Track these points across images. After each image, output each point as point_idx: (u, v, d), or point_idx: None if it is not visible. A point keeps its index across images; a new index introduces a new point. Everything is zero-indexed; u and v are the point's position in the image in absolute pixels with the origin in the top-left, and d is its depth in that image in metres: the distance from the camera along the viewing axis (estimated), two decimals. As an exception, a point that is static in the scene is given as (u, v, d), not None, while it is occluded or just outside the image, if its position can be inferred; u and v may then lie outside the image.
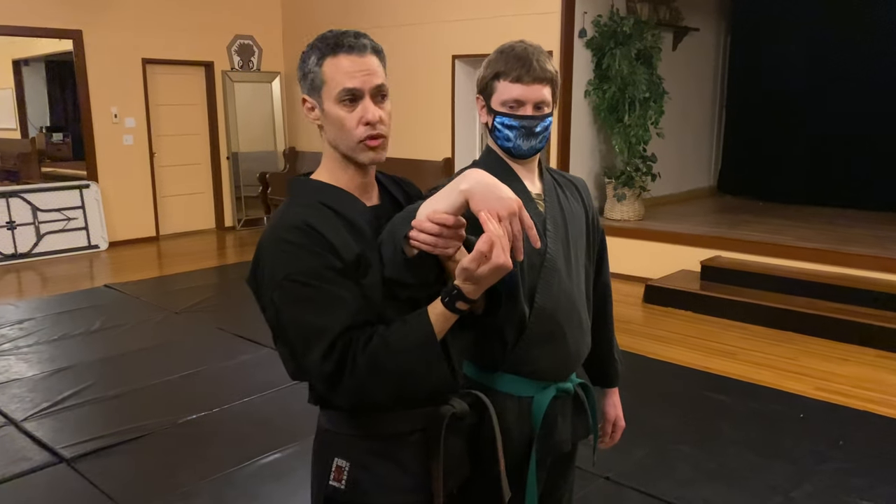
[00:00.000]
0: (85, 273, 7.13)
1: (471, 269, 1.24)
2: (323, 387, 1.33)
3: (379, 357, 1.28)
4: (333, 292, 1.30)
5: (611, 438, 1.99)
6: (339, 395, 1.32)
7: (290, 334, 1.34)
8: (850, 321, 4.88)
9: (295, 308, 1.32)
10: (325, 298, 1.30)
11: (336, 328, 1.29)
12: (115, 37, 7.83)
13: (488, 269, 1.23)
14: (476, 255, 1.23)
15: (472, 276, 1.24)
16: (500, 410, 1.66)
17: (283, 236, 1.33)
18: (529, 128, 1.66)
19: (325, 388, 1.32)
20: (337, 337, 1.28)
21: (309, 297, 1.30)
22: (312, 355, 1.30)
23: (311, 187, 1.43)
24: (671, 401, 3.93)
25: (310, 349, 1.30)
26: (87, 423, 3.66)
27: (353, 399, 1.32)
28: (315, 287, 1.30)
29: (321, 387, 1.34)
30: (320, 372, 1.30)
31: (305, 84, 1.39)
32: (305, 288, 1.30)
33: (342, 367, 1.28)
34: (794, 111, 8.12)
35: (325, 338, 1.28)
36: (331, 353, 1.28)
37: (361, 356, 1.28)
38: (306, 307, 1.31)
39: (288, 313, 1.33)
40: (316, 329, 1.30)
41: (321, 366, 1.29)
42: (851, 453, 3.31)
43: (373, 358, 1.28)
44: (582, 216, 1.83)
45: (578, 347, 1.75)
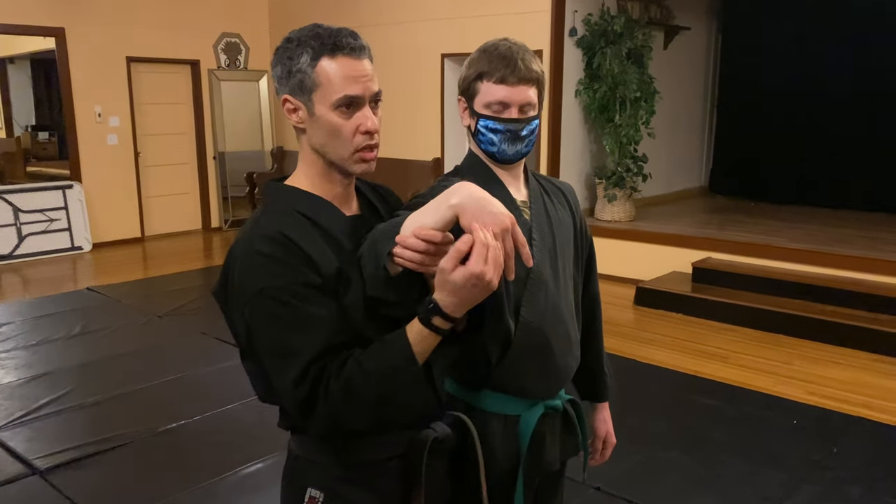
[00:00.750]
0: (68, 275, 7.01)
1: (445, 269, 1.14)
2: (296, 413, 1.24)
3: (354, 383, 1.18)
4: (309, 311, 1.21)
5: (601, 455, 1.91)
6: (313, 423, 1.23)
7: (262, 355, 1.25)
8: (842, 324, 4.82)
9: (267, 327, 1.22)
10: (301, 318, 1.20)
11: (311, 352, 1.19)
12: (98, 34, 7.69)
13: (463, 276, 1.12)
14: (453, 253, 1.13)
15: (447, 280, 1.14)
16: (484, 430, 1.58)
17: (257, 248, 1.23)
18: (515, 131, 1.58)
19: (299, 415, 1.23)
20: (311, 361, 1.19)
21: (283, 316, 1.21)
22: (285, 380, 1.21)
23: (287, 195, 1.33)
24: (662, 406, 3.86)
25: (282, 373, 1.21)
26: (64, 433, 3.56)
27: (328, 427, 1.23)
28: (290, 305, 1.20)
29: (294, 413, 1.25)
30: (293, 398, 1.20)
31: (290, 83, 1.27)
32: (280, 305, 1.20)
33: (316, 394, 1.19)
34: (785, 111, 8.08)
35: (299, 362, 1.19)
36: (304, 379, 1.19)
37: (336, 382, 1.18)
38: (280, 327, 1.21)
39: (259, 332, 1.23)
40: (289, 352, 1.20)
41: (294, 392, 1.20)
42: (845, 461, 3.25)
43: (348, 384, 1.18)
44: (569, 224, 1.75)
45: (567, 362, 1.67)
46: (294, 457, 1.38)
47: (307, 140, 1.31)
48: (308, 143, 1.32)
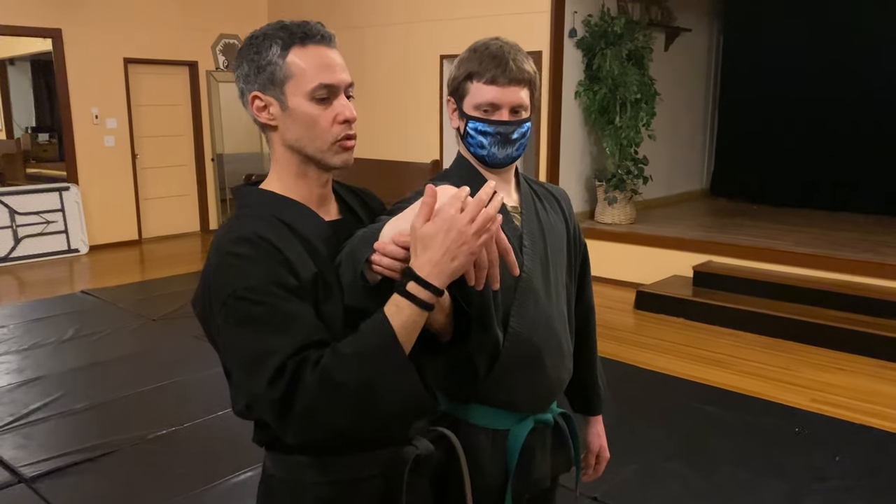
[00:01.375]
0: (64, 278, 6.95)
1: (415, 226, 1.08)
2: (273, 419, 1.12)
3: (331, 372, 1.06)
4: (286, 309, 1.12)
5: (594, 471, 1.84)
6: (290, 428, 1.10)
7: (234, 361, 1.16)
8: (846, 329, 4.75)
9: (240, 329, 1.12)
10: (276, 317, 1.11)
11: (287, 349, 1.08)
12: (95, 36, 7.65)
13: (434, 226, 1.06)
14: (422, 209, 1.07)
15: (418, 237, 1.07)
16: (471, 445, 1.52)
17: (231, 250, 1.16)
18: (505, 134, 1.52)
19: (276, 420, 1.11)
20: (288, 358, 1.08)
21: (256, 317, 1.11)
22: (258, 381, 1.09)
23: (261, 199, 1.26)
24: (661, 413, 3.79)
25: (255, 374, 1.10)
26: (52, 440, 3.50)
27: (305, 429, 1.10)
28: (264, 304, 1.11)
29: (271, 420, 1.13)
30: (268, 401, 1.08)
31: (259, 78, 1.21)
32: (253, 306, 1.11)
33: (293, 393, 1.07)
34: (787, 113, 8.01)
35: (274, 359, 1.08)
36: (279, 377, 1.07)
37: (311, 374, 1.07)
38: (253, 327, 1.11)
39: (231, 335, 1.14)
40: (263, 350, 1.10)
41: (269, 392, 1.08)
42: (849, 470, 3.18)
43: (324, 374, 1.06)
44: (562, 230, 1.68)
45: (559, 374, 1.60)
46: (269, 475, 1.31)
47: (280, 138, 1.25)
48: (281, 141, 1.25)
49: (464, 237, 1.07)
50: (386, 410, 1.12)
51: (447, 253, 1.07)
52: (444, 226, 1.06)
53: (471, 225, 1.06)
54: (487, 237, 1.08)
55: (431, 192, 1.08)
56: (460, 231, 1.06)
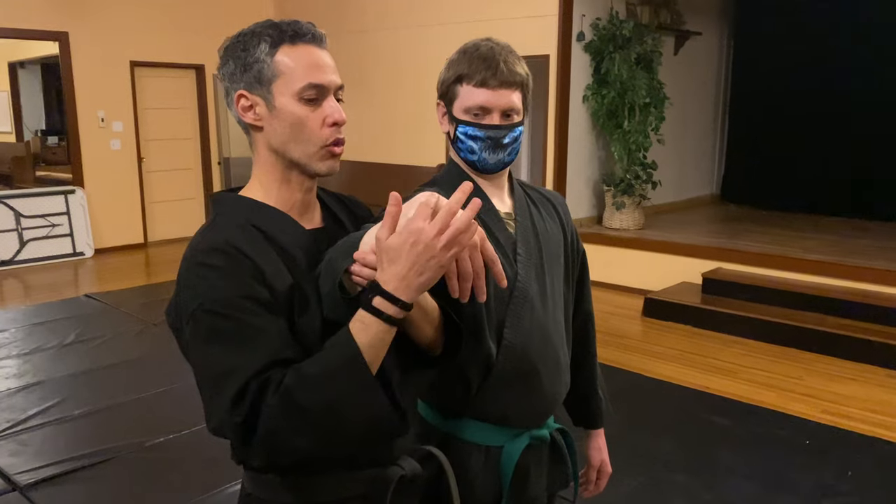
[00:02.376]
0: (69, 281, 6.94)
1: (380, 237, 1.01)
2: (237, 443, 1.07)
3: (293, 393, 1.00)
4: (252, 325, 1.06)
5: (595, 486, 1.77)
6: (253, 451, 1.05)
7: (200, 377, 1.09)
8: (858, 338, 4.65)
9: (205, 344, 1.07)
10: (242, 333, 1.05)
11: (250, 368, 1.02)
12: (102, 39, 7.65)
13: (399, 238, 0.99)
14: (386, 219, 1.00)
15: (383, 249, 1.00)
16: (463, 463, 1.45)
17: (201, 260, 1.10)
18: (496, 139, 1.46)
19: (239, 444, 1.06)
20: (251, 378, 1.02)
21: (221, 331, 1.05)
22: (220, 402, 1.03)
23: (238, 205, 1.21)
24: (667, 424, 3.71)
25: (217, 395, 1.04)
26: (49, 446, 3.46)
27: (268, 453, 1.04)
28: (230, 318, 1.05)
29: (235, 443, 1.09)
30: (231, 423, 1.03)
31: (245, 76, 1.16)
32: (219, 319, 1.06)
33: (255, 415, 1.02)
34: (798, 118, 7.90)
35: (236, 380, 1.02)
36: (242, 400, 1.02)
37: (273, 395, 1.01)
38: (218, 343, 1.05)
39: (197, 351, 1.08)
40: (226, 369, 1.04)
41: (231, 414, 1.02)
42: (861, 485, 3.09)
43: (286, 395, 1.00)
44: (559, 237, 1.62)
45: (555, 388, 1.54)
46: (246, 495, 1.25)
47: (264, 140, 1.19)
48: (265, 145, 1.19)
49: (431, 250, 0.99)
50: (351, 433, 1.05)
51: (414, 267, 1.00)
52: (410, 238, 0.99)
53: (439, 237, 0.98)
54: (458, 249, 1.00)
55: (395, 200, 1.01)
56: (427, 244, 0.99)
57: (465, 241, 1.00)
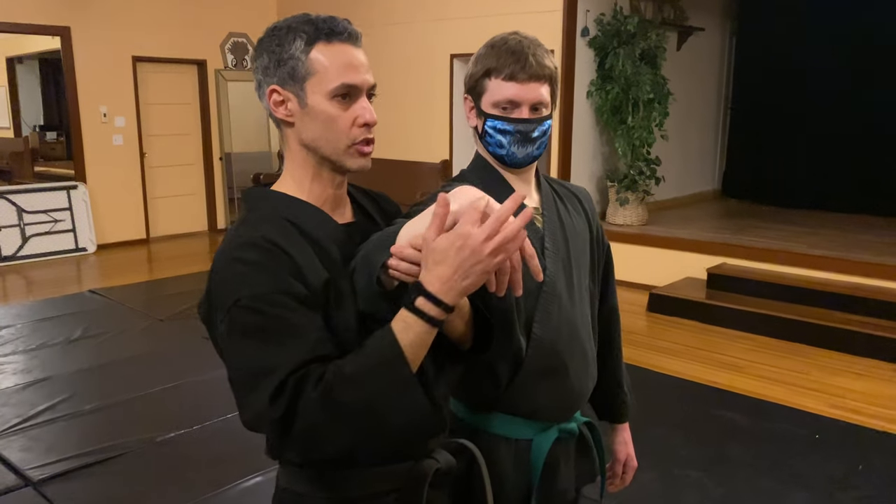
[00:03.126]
0: (71, 277, 6.92)
1: (427, 237, 1.01)
2: (274, 437, 1.08)
3: (333, 389, 1.01)
4: (290, 321, 1.06)
5: (621, 480, 1.78)
6: (292, 447, 1.07)
7: (235, 374, 1.10)
8: (864, 333, 4.66)
9: (242, 341, 1.07)
10: (280, 329, 1.06)
11: (289, 364, 1.03)
12: (104, 34, 7.62)
13: (447, 241, 0.99)
14: (434, 220, 1.00)
15: (429, 250, 1.00)
16: (493, 456, 1.46)
17: (237, 255, 1.10)
18: (525, 132, 1.46)
19: (277, 438, 1.07)
20: (289, 374, 1.03)
21: (259, 327, 1.06)
22: (258, 397, 1.04)
23: (271, 200, 1.21)
24: (677, 419, 3.72)
25: (255, 390, 1.05)
26: (59, 442, 3.45)
27: (306, 448, 1.06)
28: (269, 315, 1.06)
29: (273, 439, 1.10)
30: (269, 418, 1.04)
31: (279, 72, 1.16)
32: (257, 316, 1.06)
33: (293, 411, 1.02)
34: (800, 113, 7.91)
35: (275, 376, 1.03)
36: (280, 394, 1.02)
37: (313, 391, 1.02)
38: (255, 340, 1.06)
39: (234, 346, 1.09)
40: (264, 366, 1.04)
41: (269, 410, 1.03)
42: (872, 479, 3.10)
43: (326, 391, 1.01)
44: (585, 231, 1.62)
45: (583, 382, 1.54)
46: (282, 489, 1.26)
47: (296, 136, 1.19)
48: (297, 140, 1.19)
49: (478, 255, 0.98)
50: (390, 430, 1.06)
51: (459, 270, 1.00)
52: (458, 242, 0.99)
53: (487, 243, 0.98)
54: (505, 256, 1.00)
55: (444, 201, 1.01)
56: (475, 249, 0.98)
57: (513, 249, 1.01)
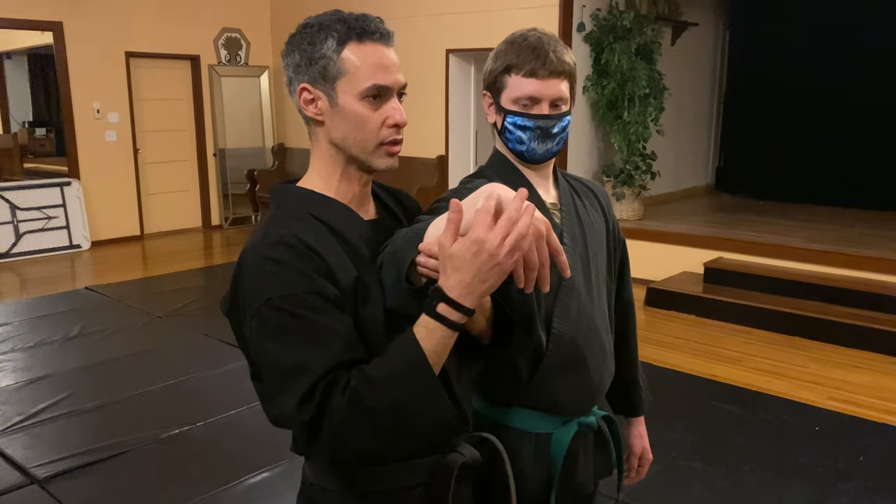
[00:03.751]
0: (66, 274, 6.88)
1: (443, 244, 1.01)
2: (302, 437, 1.12)
3: (359, 394, 1.03)
4: (321, 324, 1.07)
5: (637, 473, 1.80)
6: (319, 447, 1.09)
7: (264, 373, 1.11)
8: (859, 326, 4.71)
9: (272, 340, 1.08)
10: (311, 330, 1.07)
11: (319, 368, 1.05)
12: (97, 29, 7.56)
13: (462, 246, 1.00)
14: (448, 226, 1.01)
15: (446, 256, 1.01)
16: (514, 450, 1.47)
17: (268, 254, 1.11)
18: (545, 129, 1.47)
19: (304, 439, 1.11)
20: (319, 378, 1.05)
21: (291, 328, 1.07)
22: (288, 400, 1.06)
23: (299, 197, 1.21)
24: (679, 412, 3.74)
25: (285, 392, 1.06)
26: (62, 439, 3.44)
27: (334, 451, 1.09)
28: (300, 316, 1.07)
29: (302, 440, 1.13)
30: (297, 421, 1.06)
31: (310, 71, 1.16)
32: (288, 317, 1.07)
33: (322, 414, 1.05)
34: (794, 107, 7.96)
35: (305, 379, 1.05)
36: (310, 398, 1.04)
37: (340, 397, 1.04)
38: (287, 340, 1.07)
39: (264, 346, 1.09)
40: (294, 368, 1.06)
41: (298, 413, 1.05)
42: (873, 470, 3.14)
43: (352, 397, 1.04)
44: (602, 227, 1.64)
45: (601, 376, 1.56)
46: (309, 484, 1.26)
47: (325, 134, 1.20)
48: (326, 137, 1.20)
49: (495, 259, 1.00)
50: (416, 433, 1.08)
51: (478, 275, 1.01)
52: (473, 248, 1.00)
53: (503, 245, 0.99)
54: (521, 254, 1.01)
55: (456, 207, 1.01)
56: (491, 253, 0.99)
57: (526, 245, 1.01)
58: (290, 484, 2.88)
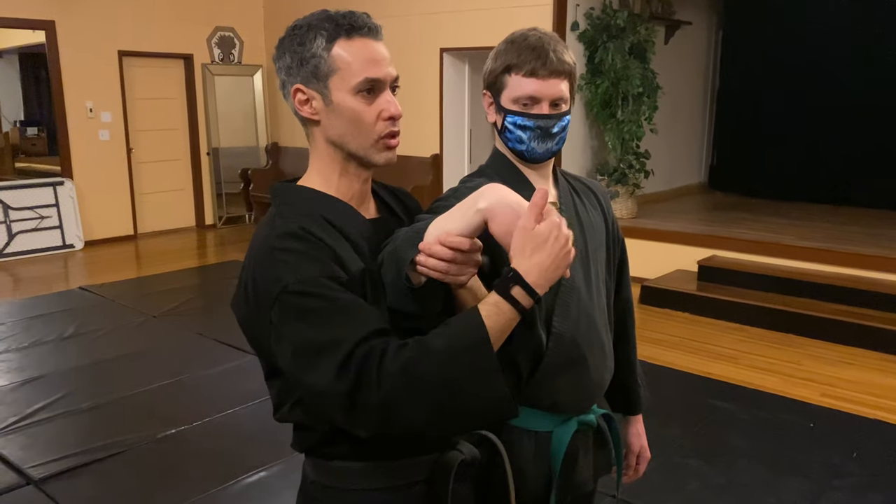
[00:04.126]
0: (59, 274, 6.86)
1: (526, 225, 1.04)
2: (341, 414, 1.05)
3: (416, 364, 1.01)
4: (344, 300, 1.06)
5: (635, 471, 1.81)
6: (361, 419, 1.04)
7: (294, 358, 1.08)
8: (852, 323, 4.74)
9: (297, 323, 1.06)
10: (334, 308, 1.06)
11: (353, 336, 1.03)
12: (89, 28, 7.53)
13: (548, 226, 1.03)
14: (532, 209, 1.04)
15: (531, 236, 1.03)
16: (514, 448, 1.47)
17: (277, 245, 1.11)
18: (546, 128, 1.48)
19: (344, 414, 1.05)
20: (355, 346, 1.02)
21: (314, 309, 1.06)
22: (322, 374, 1.03)
23: (301, 195, 1.22)
24: (675, 409, 3.76)
25: (317, 367, 1.04)
26: (58, 440, 3.43)
27: (381, 420, 1.03)
28: (321, 296, 1.06)
29: (339, 415, 1.06)
30: (335, 393, 1.02)
31: (302, 71, 1.16)
32: (309, 299, 1.06)
33: (362, 382, 1.01)
34: (786, 107, 8.00)
35: (340, 349, 1.02)
36: (347, 366, 1.01)
37: (393, 363, 1.01)
38: (311, 320, 1.05)
39: (289, 332, 1.07)
40: (326, 342, 1.04)
41: (335, 384, 1.02)
42: (867, 465, 3.16)
43: (409, 365, 1.01)
44: (601, 226, 1.65)
45: (601, 375, 1.57)
46: (310, 482, 1.27)
47: (322, 133, 1.20)
48: (323, 137, 1.20)
49: (567, 247, 1.06)
50: (468, 411, 1.06)
51: (555, 260, 1.05)
52: (554, 231, 1.04)
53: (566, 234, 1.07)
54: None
55: (543, 194, 1.04)
56: (567, 238, 1.06)
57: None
58: (288, 483, 2.89)
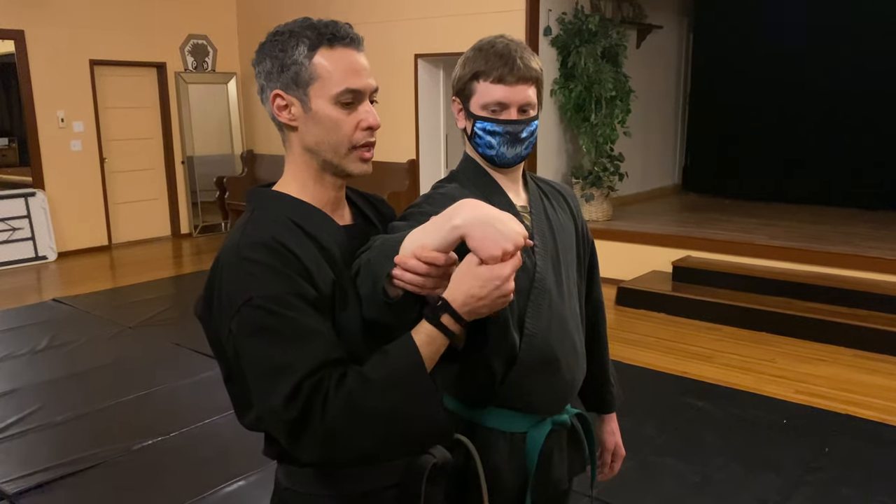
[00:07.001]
0: (32, 286, 6.77)
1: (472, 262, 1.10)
2: (286, 438, 1.10)
3: (356, 396, 1.05)
4: (303, 323, 1.09)
5: (610, 469, 1.83)
6: (305, 448, 1.08)
7: (247, 372, 1.11)
8: (824, 320, 4.82)
9: (255, 340, 1.09)
10: (293, 329, 1.08)
11: (304, 366, 1.06)
12: (60, 37, 7.45)
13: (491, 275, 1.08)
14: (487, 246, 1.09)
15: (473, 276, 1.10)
16: (489, 449, 1.49)
17: (247, 255, 1.12)
18: (514, 133, 1.49)
19: (289, 440, 1.09)
20: (305, 376, 1.05)
21: (274, 328, 1.08)
22: (273, 398, 1.06)
23: (276, 200, 1.22)
24: (650, 408, 3.81)
25: (269, 391, 1.07)
26: (32, 454, 3.39)
27: (324, 451, 1.08)
28: (282, 316, 1.08)
29: (284, 439, 1.11)
30: (282, 419, 1.06)
31: (282, 77, 1.17)
32: (269, 316, 1.08)
33: (309, 413, 1.05)
34: (756, 107, 8.13)
35: (291, 377, 1.05)
36: (296, 396, 1.05)
37: (335, 397, 1.05)
38: (269, 339, 1.08)
39: (245, 346, 1.10)
40: (279, 366, 1.07)
41: (283, 412, 1.05)
42: (838, 461, 3.22)
43: (349, 398, 1.05)
44: (571, 228, 1.67)
45: (574, 375, 1.59)
46: (282, 489, 1.27)
47: (299, 139, 1.21)
48: (300, 143, 1.21)
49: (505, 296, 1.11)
50: (409, 436, 1.13)
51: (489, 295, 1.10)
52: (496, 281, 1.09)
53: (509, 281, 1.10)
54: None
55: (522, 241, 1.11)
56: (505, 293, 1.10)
57: None
58: (267, 492, 2.86)
